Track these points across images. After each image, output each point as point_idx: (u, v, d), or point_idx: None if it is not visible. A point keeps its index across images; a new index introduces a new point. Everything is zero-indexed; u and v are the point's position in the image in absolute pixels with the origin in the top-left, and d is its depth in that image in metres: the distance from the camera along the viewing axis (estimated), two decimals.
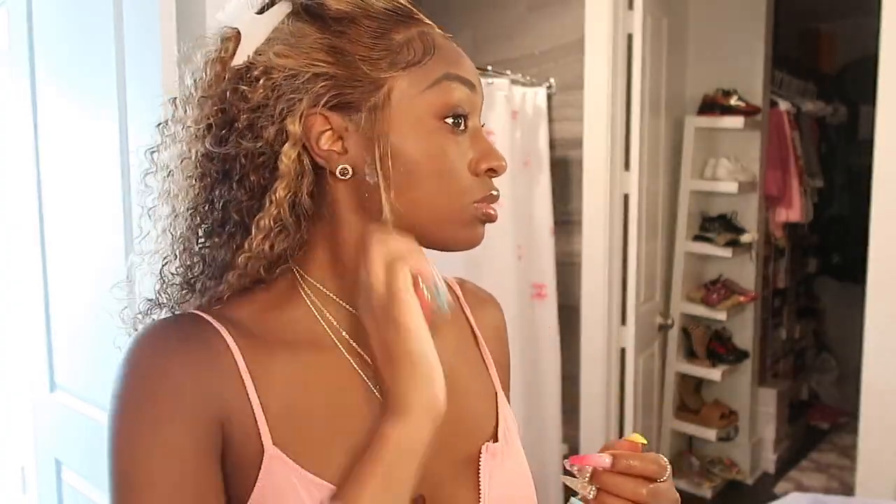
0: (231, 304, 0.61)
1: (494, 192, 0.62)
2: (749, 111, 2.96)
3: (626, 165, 2.39)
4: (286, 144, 0.57)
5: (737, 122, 2.94)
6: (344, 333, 0.63)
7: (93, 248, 1.54)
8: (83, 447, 1.60)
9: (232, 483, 0.57)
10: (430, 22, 0.62)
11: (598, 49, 2.31)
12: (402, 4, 0.61)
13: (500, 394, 0.72)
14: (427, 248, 0.61)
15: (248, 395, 0.57)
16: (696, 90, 3.08)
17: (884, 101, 1.72)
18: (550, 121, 2.45)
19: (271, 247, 0.59)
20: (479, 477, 0.64)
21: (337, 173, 0.58)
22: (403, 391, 0.54)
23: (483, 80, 2.35)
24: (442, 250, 0.63)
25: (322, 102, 0.57)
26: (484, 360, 0.74)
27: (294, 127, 0.57)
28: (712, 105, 3.02)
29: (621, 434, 2.54)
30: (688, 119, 3.07)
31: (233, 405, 0.56)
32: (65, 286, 1.65)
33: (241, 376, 0.57)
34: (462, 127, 0.60)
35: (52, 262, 1.67)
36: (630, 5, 2.31)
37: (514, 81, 2.30)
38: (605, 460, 0.59)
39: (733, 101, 2.97)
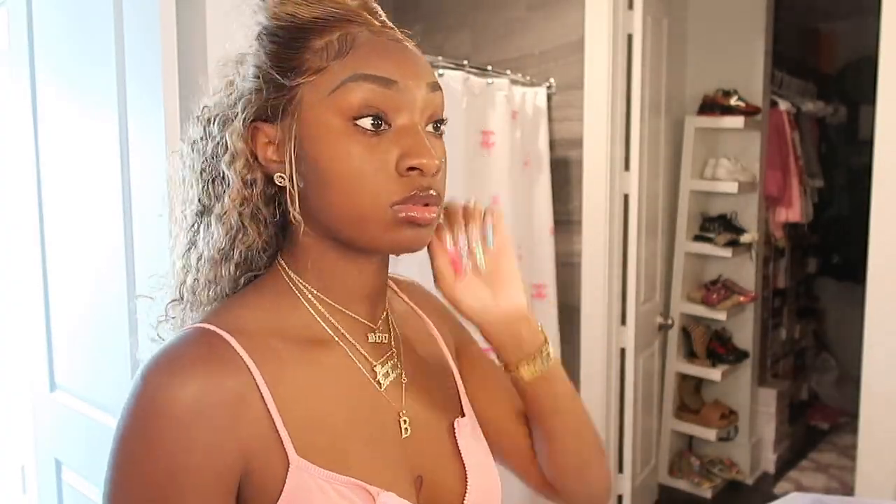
0: (233, 311, 0.62)
1: (421, 193, 0.59)
2: (749, 111, 2.96)
3: (626, 165, 2.39)
4: (226, 157, 0.62)
5: (737, 122, 2.94)
6: (342, 330, 0.65)
7: (93, 248, 1.54)
8: (83, 447, 1.60)
9: (257, 496, 0.57)
10: (369, 19, 0.62)
11: (598, 49, 2.31)
12: (335, 10, 0.61)
13: (456, 372, 0.77)
14: (360, 251, 0.63)
15: (268, 409, 0.57)
16: (696, 90, 3.08)
17: (884, 101, 1.72)
18: (550, 121, 2.45)
19: (232, 247, 0.63)
20: (459, 450, 0.69)
21: (276, 182, 0.62)
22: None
23: (483, 80, 2.36)
24: (377, 253, 0.64)
25: (255, 116, 0.61)
26: (439, 345, 0.78)
27: (232, 140, 0.61)
28: (712, 105, 3.02)
29: (622, 434, 2.55)
30: (688, 119, 3.07)
31: (255, 424, 0.57)
32: (65, 286, 1.65)
33: (259, 391, 0.57)
34: (382, 126, 0.59)
35: (52, 261, 1.67)
36: (630, 5, 2.31)
37: (514, 81, 2.30)
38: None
39: (733, 101, 2.98)
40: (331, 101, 0.58)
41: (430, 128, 0.62)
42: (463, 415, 0.73)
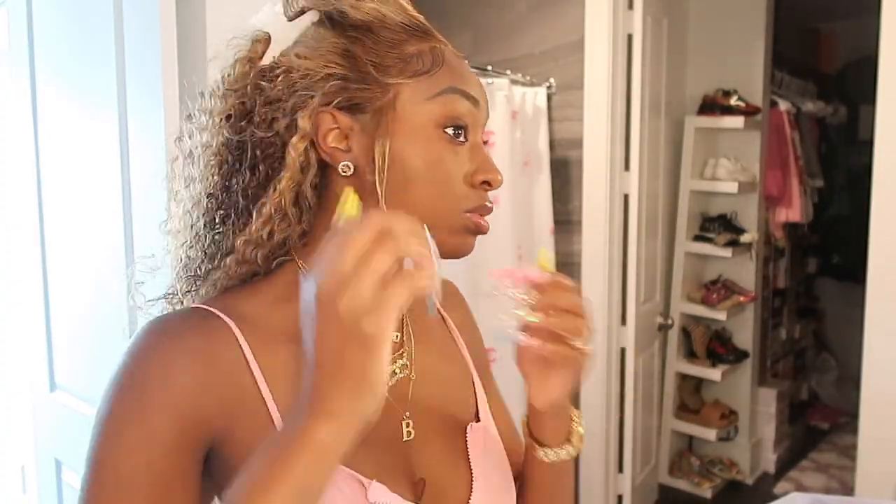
0: (238, 297, 0.63)
1: (488, 205, 0.64)
2: (749, 111, 2.96)
3: (626, 165, 2.39)
4: (295, 137, 0.60)
5: (737, 122, 2.94)
6: None
7: (93, 247, 1.54)
8: (83, 447, 1.60)
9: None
10: (443, 40, 0.65)
11: (598, 49, 2.31)
12: (418, 21, 0.64)
13: (476, 378, 0.76)
14: None
15: (258, 387, 0.58)
16: (696, 90, 3.08)
17: (884, 101, 1.72)
18: (550, 121, 2.45)
19: (270, 233, 0.61)
20: (468, 455, 0.68)
21: (339, 169, 0.61)
22: (340, 393, 0.47)
23: (483, 80, 2.35)
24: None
25: (333, 102, 0.60)
26: (458, 348, 0.78)
27: (304, 122, 0.60)
28: (712, 105, 3.02)
29: (622, 434, 2.55)
30: (688, 119, 3.07)
31: (242, 399, 0.58)
32: (65, 286, 1.65)
33: (250, 370, 0.58)
34: (462, 138, 0.62)
35: (52, 261, 1.67)
36: (630, 5, 2.31)
37: (514, 81, 2.31)
38: (539, 275, 0.63)
39: (733, 101, 2.98)
40: (428, 107, 0.61)
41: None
42: (478, 420, 0.72)
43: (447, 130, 0.61)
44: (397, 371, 0.67)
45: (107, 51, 1.40)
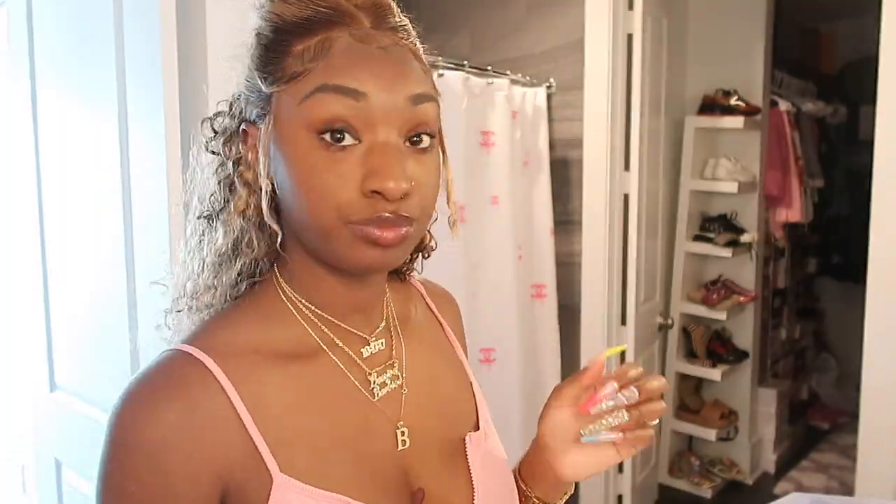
0: (215, 330, 0.61)
1: (385, 215, 0.55)
2: (749, 111, 2.96)
3: (626, 165, 2.39)
4: (230, 161, 0.62)
5: (737, 122, 2.94)
6: (335, 341, 0.64)
7: (93, 248, 1.54)
8: (83, 447, 1.60)
9: None
10: (369, 23, 0.58)
11: (598, 49, 2.31)
12: (321, 9, 0.57)
13: (475, 384, 0.75)
14: (330, 266, 0.61)
15: (246, 429, 0.57)
16: (696, 90, 3.08)
17: (884, 102, 1.72)
18: (550, 121, 2.45)
19: (236, 253, 0.62)
20: (468, 465, 0.67)
21: (262, 186, 0.61)
22: None
23: (483, 80, 2.35)
24: (342, 268, 0.61)
25: (246, 117, 0.61)
26: (456, 354, 0.77)
27: (231, 143, 0.62)
28: (712, 105, 3.02)
29: None
30: (688, 119, 3.07)
31: (232, 445, 0.56)
32: (65, 286, 1.65)
33: (236, 412, 0.57)
34: (344, 141, 0.55)
35: (52, 262, 1.67)
36: (630, 5, 2.31)
37: (513, 81, 2.30)
38: (627, 396, 0.64)
39: (733, 102, 2.98)
40: (300, 111, 0.55)
41: (403, 141, 0.57)
42: (477, 428, 0.71)
43: (323, 136, 0.55)
44: (388, 382, 0.65)
45: (107, 50, 1.40)
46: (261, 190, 0.60)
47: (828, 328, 4.34)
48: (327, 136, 0.55)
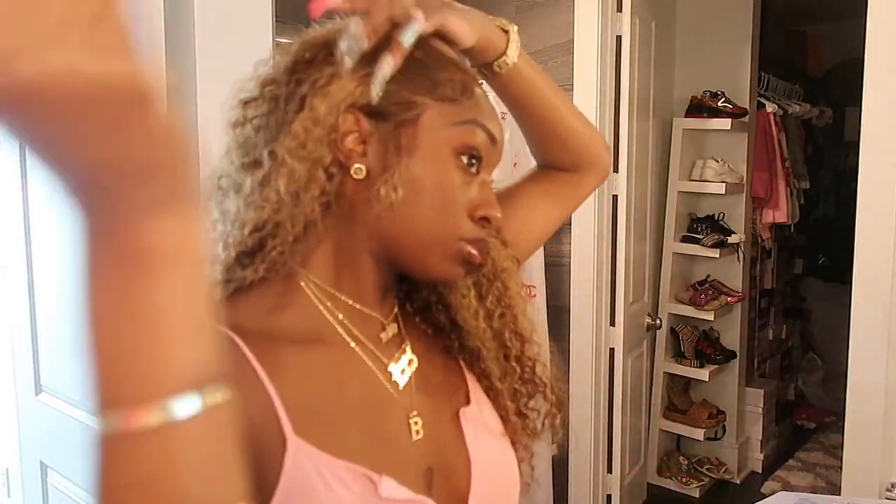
0: (230, 308, 0.61)
1: (484, 237, 0.64)
2: (736, 113, 2.98)
3: (615, 167, 2.40)
4: (318, 128, 0.59)
5: (724, 123, 2.96)
6: (350, 326, 0.64)
7: (79, 249, 1.52)
8: (69, 449, 1.58)
9: (255, 471, 0.55)
10: (476, 77, 0.67)
11: (587, 51, 2.32)
12: (455, 56, 0.66)
13: (460, 360, 0.75)
14: (402, 271, 0.65)
15: (265, 387, 0.57)
16: (684, 92, 3.10)
17: (869, 104, 1.73)
18: None
19: (301, 229, 0.60)
20: (465, 441, 0.67)
21: (351, 172, 0.61)
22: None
23: None
24: (415, 275, 0.66)
25: (357, 104, 0.61)
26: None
27: (329, 114, 0.60)
28: (700, 107, 3.04)
29: (610, 434, 2.55)
30: (676, 121, 3.08)
31: (254, 404, 0.56)
32: (50, 288, 1.63)
33: (255, 371, 0.57)
34: (475, 169, 0.63)
35: (37, 264, 1.66)
36: (619, 8, 2.32)
37: None
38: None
39: (720, 103, 2.99)
40: (450, 132, 0.62)
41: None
42: (468, 403, 0.71)
43: (462, 158, 0.62)
44: (406, 369, 0.66)
45: None
46: (333, 178, 0.60)
47: (814, 328, 4.37)
48: (465, 160, 0.63)
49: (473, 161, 0.63)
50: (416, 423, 0.65)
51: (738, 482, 3.29)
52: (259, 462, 0.55)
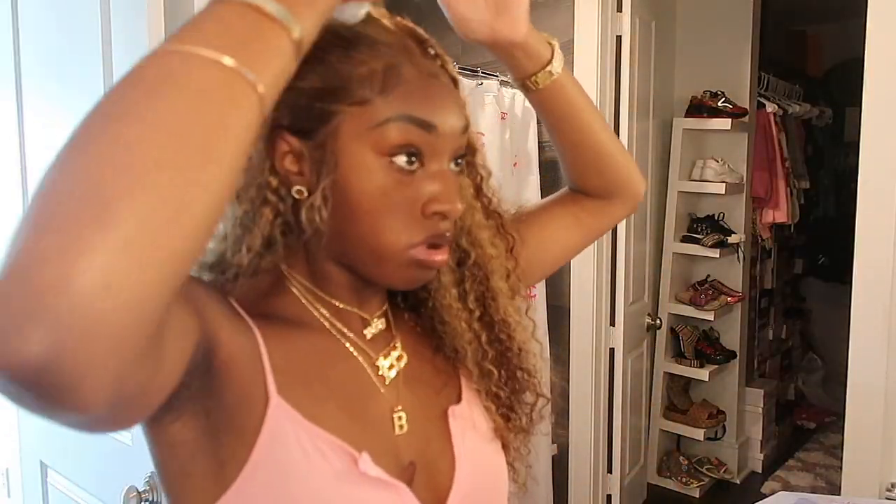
0: (230, 286, 0.62)
1: (446, 235, 0.61)
2: (736, 113, 2.98)
3: None
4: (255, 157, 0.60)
5: (724, 123, 2.96)
6: (333, 321, 0.64)
7: None
8: (69, 449, 1.58)
9: (233, 418, 0.55)
10: (407, 45, 0.61)
11: (587, 51, 2.32)
12: (387, 37, 0.60)
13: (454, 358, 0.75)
14: (367, 281, 0.63)
15: (257, 342, 0.57)
16: (684, 92, 3.10)
17: (869, 104, 1.73)
18: (539, 122, 2.46)
19: (252, 256, 0.61)
20: (451, 439, 0.67)
21: (293, 194, 0.60)
22: None
23: (471, 82, 2.34)
24: (380, 284, 0.64)
25: (284, 125, 0.59)
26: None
27: (259, 145, 0.59)
28: (700, 107, 3.04)
29: (611, 434, 2.55)
30: (676, 121, 3.08)
31: (242, 346, 0.56)
32: None
33: (250, 328, 0.58)
34: (415, 165, 0.59)
35: None
36: (619, 8, 2.32)
37: (503, 83, 2.31)
38: None
39: (720, 103, 3.00)
40: (371, 136, 0.58)
41: (452, 165, 0.62)
42: (459, 400, 0.70)
43: (396, 158, 0.58)
44: (394, 363, 0.66)
45: (93, 43, 1.39)
46: (285, 199, 0.59)
47: (814, 328, 4.37)
48: (398, 161, 0.58)
49: (413, 157, 0.59)
50: (399, 417, 0.65)
51: (738, 482, 3.29)
52: (239, 408, 0.55)
